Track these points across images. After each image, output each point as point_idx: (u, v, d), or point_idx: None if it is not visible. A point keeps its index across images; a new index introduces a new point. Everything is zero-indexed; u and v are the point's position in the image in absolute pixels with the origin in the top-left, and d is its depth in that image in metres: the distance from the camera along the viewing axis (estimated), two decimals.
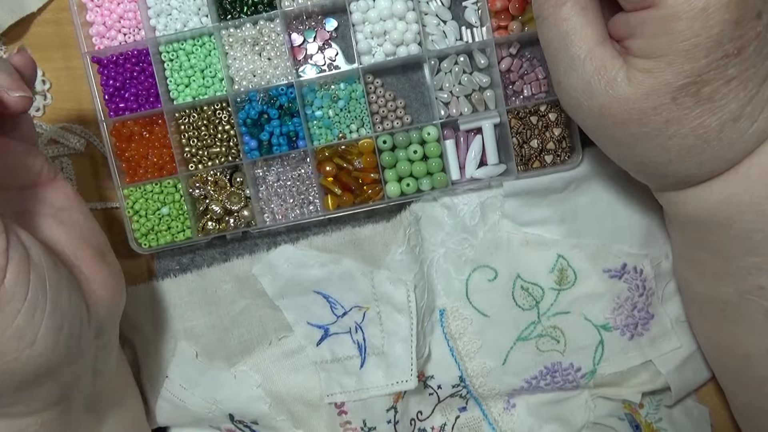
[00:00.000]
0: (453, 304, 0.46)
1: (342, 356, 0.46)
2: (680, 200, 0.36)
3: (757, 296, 0.35)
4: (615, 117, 0.32)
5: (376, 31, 0.42)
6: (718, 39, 0.28)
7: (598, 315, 0.46)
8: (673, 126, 0.31)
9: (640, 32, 0.30)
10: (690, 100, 0.30)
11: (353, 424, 0.46)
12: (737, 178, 0.33)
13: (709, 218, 0.34)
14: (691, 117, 0.30)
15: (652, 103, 0.30)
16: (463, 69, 0.43)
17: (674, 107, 0.30)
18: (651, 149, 0.32)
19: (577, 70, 0.32)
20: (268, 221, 0.44)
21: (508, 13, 0.42)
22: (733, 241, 0.34)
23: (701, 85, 0.29)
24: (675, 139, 0.31)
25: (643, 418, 0.47)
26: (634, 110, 0.31)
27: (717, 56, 0.29)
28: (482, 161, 0.44)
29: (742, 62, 0.29)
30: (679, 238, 0.40)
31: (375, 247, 0.44)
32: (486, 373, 0.47)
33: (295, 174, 0.44)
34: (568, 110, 0.35)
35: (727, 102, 0.30)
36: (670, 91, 0.30)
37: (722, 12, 0.28)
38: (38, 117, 0.46)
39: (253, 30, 0.43)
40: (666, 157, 0.32)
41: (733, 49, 0.29)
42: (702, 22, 0.28)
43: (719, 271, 0.36)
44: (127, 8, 0.43)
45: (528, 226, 0.45)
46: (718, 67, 0.29)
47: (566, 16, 0.32)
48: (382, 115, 0.44)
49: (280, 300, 0.45)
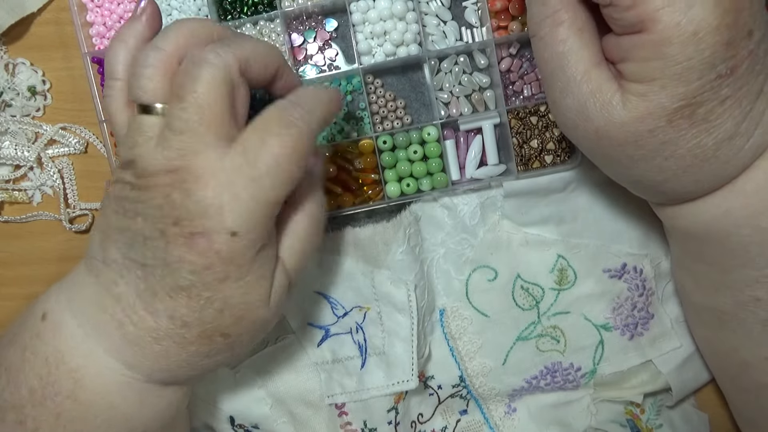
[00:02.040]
0: (453, 304, 0.46)
1: (343, 357, 0.45)
2: (677, 215, 0.36)
3: (754, 307, 0.35)
4: (611, 139, 0.32)
5: (376, 31, 0.42)
6: (711, 61, 0.28)
7: (598, 315, 0.46)
8: (670, 147, 0.31)
9: (633, 56, 0.30)
10: (685, 122, 0.30)
11: (354, 425, 0.46)
12: (733, 193, 0.32)
13: (706, 232, 0.34)
14: (687, 138, 0.30)
15: (648, 126, 0.30)
16: (463, 69, 0.43)
17: (670, 129, 0.30)
18: (648, 170, 0.32)
19: (573, 92, 0.32)
20: None
21: (508, 13, 0.42)
22: (729, 255, 0.34)
23: (696, 107, 0.29)
24: (672, 160, 0.31)
25: (644, 423, 0.47)
26: (630, 133, 0.31)
27: (710, 78, 0.29)
28: (482, 161, 0.44)
29: (735, 81, 0.29)
30: (677, 250, 0.40)
31: (375, 247, 0.44)
32: (486, 373, 0.47)
33: None
34: (564, 130, 0.35)
35: (722, 121, 0.30)
36: (666, 114, 0.30)
37: (713, 35, 0.28)
38: (38, 117, 0.46)
39: (253, 30, 0.43)
40: (663, 176, 0.32)
41: (726, 69, 0.28)
42: (694, 46, 0.28)
43: (717, 282, 0.36)
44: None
45: (528, 226, 0.45)
46: (712, 88, 0.29)
47: (563, 37, 0.32)
48: (382, 116, 0.44)
49: None
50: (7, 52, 0.45)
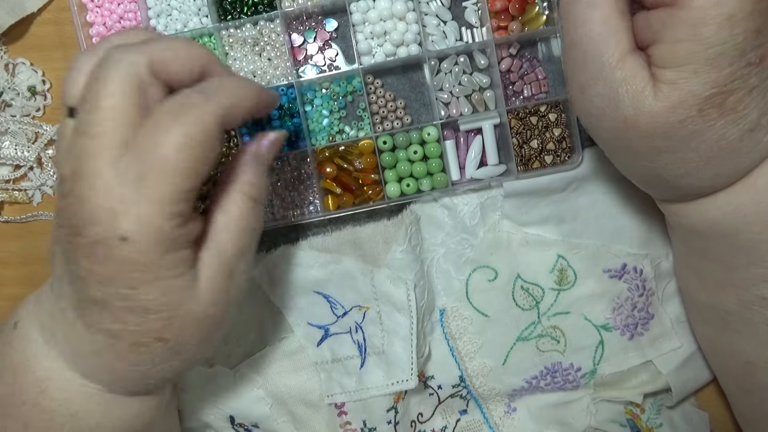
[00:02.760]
0: (453, 304, 0.46)
1: (342, 356, 0.46)
2: (685, 212, 0.35)
3: (760, 307, 0.34)
4: (639, 130, 0.31)
5: (376, 31, 0.42)
6: (743, 47, 0.28)
7: (598, 315, 0.46)
8: (697, 138, 0.30)
9: (663, 37, 0.29)
10: (715, 111, 0.29)
11: (353, 424, 0.46)
12: (744, 189, 0.32)
13: (715, 229, 0.34)
14: (716, 128, 0.30)
15: (679, 117, 0.30)
16: (463, 69, 0.43)
17: (700, 119, 0.29)
18: (671, 162, 0.32)
19: (606, 78, 0.31)
20: (269, 221, 0.44)
21: (508, 13, 0.42)
22: (738, 252, 0.34)
23: (726, 95, 0.29)
24: (696, 152, 0.31)
25: (644, 423, 0.47)
26: (660, 124, 0.30)
27: (740, 65, 0.28)
28: (482, 161, 0.44)
29: (762, 71, 0.29)
30: (681, 247, 0.39)
31: (375, 246, 0.44)
32: (486, 373, 0.47)
33: (295, 174, 0.44)
34: (587, 119, 0.34)
35: (748, 111, 0.29)
36: (697, 103, 0.29)
37: (747, 20, 0.27)
38: (38, 117, 0.46)
39: (253, 30, 0.43)
40: (684, 169, 0.32)
41: (756, 57, 0.28)
42: (729, 30, 0.27)
43: (722, 280, 0.36)
44: (127, 9, 0.43)
45: (528, 226, 0.45)
46: (742, 77, 0.28)
47: (602, 19, 0.30)
48: (382, 116, 0.44)
49: (280, 301, 0.45)
50: (7, 52, 0.45)
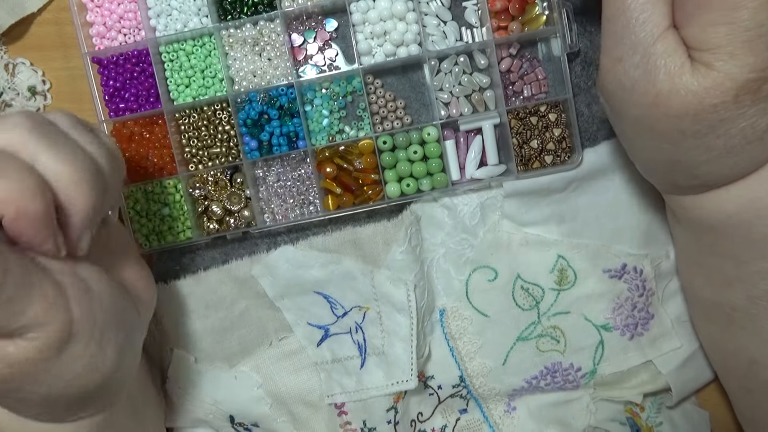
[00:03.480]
0: (453, 304, 0.46)
1: (342, 356, 0.46)
2: (696, 205, 0.35)
3: (767, 302, 0.34)
4: (669, 108, 0.30)
5: (376, 31, 0.42)
6: None
7: (598, 315, 0.46)
8: (726, 125, 0.29)
9: (697, 20, 0.28)
10: (749, 98, 0.29)
11: (353, 424, 0.46)
12: (758, 182, 0.32)
13: (727, 222, 0.34)
14: (746, 116, 0.29)
15: (713, 100, 0.29)
16: (463, 69, 0.43)
17: (733, 106, 0.29)
18: (694, 147, 0.31)
19: (647, 50, 0.30)
20: (269, 221, 0.44)
21: (508, 13, 0.42)
22: (748, 246, 0.34)
23: (763, 82, 0.28)
24: (722, 139, 0.30)
25: (644, 422, 0.47)
26: (692, 105, 0.29)
27: None
28: (482, 161, 0.44)
29: None
30: (688, 243, 0.39)
31: (375, 246, 0.44)
32: (486, 373, 0.47)
33: (295, 174, 0.44)
34: (612, 91, 0.32)
35: None
36: (735, 87, 0.28)
37: None
38: None
39: (253, 30, 0.43)
40: (706, 156, 0.31)
41: None
42: (766, 13, 0.27)
43: (730, 276, 0.36)
44: (127, 8, 0.43)
45: (528, 226, 0.45)
46: None
47: None
48: (382, 116, 0.44)
49: (280, 301, 0.45)
50: (7, 52, 0.45)
